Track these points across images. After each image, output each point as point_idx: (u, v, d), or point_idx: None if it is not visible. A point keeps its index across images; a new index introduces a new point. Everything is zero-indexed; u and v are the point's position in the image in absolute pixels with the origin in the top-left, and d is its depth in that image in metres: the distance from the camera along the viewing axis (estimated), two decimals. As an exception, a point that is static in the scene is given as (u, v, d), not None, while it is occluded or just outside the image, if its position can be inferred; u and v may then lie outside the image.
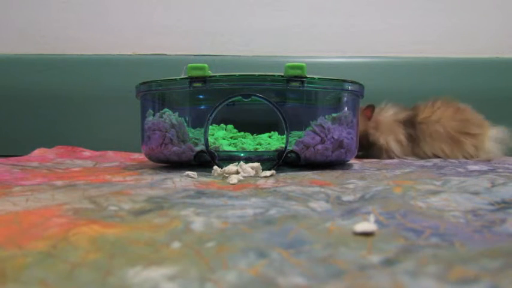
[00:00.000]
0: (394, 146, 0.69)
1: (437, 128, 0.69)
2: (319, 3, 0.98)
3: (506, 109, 0.91)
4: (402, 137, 0.70)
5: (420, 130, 0.70)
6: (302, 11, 0.98)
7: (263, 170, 0.43)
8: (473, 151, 0.68)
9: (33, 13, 0.98)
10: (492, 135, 0.69)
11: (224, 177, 0.41)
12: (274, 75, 0.46)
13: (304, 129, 0.47)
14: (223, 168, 0.42)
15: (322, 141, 0.47)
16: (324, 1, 0.98)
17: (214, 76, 0.46)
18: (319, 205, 0.26)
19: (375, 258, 0.16)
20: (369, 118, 0.72)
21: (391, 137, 0.70)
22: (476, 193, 0.28)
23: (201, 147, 0.47)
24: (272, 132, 0.56)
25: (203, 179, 0.39)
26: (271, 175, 0.42)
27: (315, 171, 0.45)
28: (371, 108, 0.72)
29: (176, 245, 0.17)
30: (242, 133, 0.56)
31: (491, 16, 0.96)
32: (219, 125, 0.56)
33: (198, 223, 0.21)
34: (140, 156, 0.71)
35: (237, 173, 0.42)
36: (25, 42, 0.97)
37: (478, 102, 0.91)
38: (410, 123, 0.71)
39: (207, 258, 0.16)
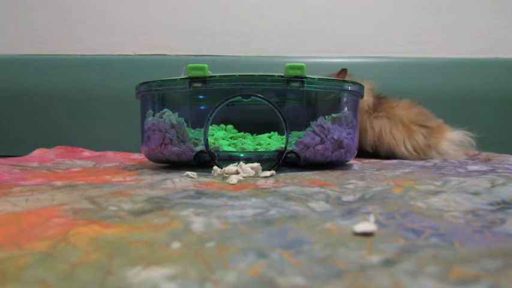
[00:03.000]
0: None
1: (395, 112, 0.72)
2: (319, 3, 0.98)
3: (506, 109, 0.91)
4: (370, 99, 0.73)
5: (383, 108, 0.73)
6: (302, 11, 0.98)
7: (263, 170, 0.43)
8: (423, 141, 0.69)
9: (33, 13, 0.98)
10: (450, 137, 0.71)
11: (224, 177, 0.41)
12: (274, 76, 0.46)
13: (304, 130, 0.47)
14: (223, 169, 0.42)
15: (322, 142, 0.47)
16: (323, 1, 0.98)
17: (214, 76, 0.46)
18: (319, 205, 0.26)
19: (374, 259, 0.16)
20: None
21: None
22: (476, 193, 0.28)
23: (201, 147, 0.47)
24: (272, 133, 0.56)
25: (203, 179, 0.39)
26: (271, 175, 0.42)
27: (314, 172, 0.45)
28: (344, 72, 0.73)
29: (176, 245, 0.17)
30: (242, 133, 0.56)
31: (491, 16, 0.96)
32: (219, 125, 0.56)
33: (197, 223, 0.21)
34: (140, 157, 0.71)
35: (237, 173, 0.42)
36: (25, 42, 0.97)
37: (478, 102, 0.91)
38: (379, 102, 0.74)
39: (207, 259, 0.16)
